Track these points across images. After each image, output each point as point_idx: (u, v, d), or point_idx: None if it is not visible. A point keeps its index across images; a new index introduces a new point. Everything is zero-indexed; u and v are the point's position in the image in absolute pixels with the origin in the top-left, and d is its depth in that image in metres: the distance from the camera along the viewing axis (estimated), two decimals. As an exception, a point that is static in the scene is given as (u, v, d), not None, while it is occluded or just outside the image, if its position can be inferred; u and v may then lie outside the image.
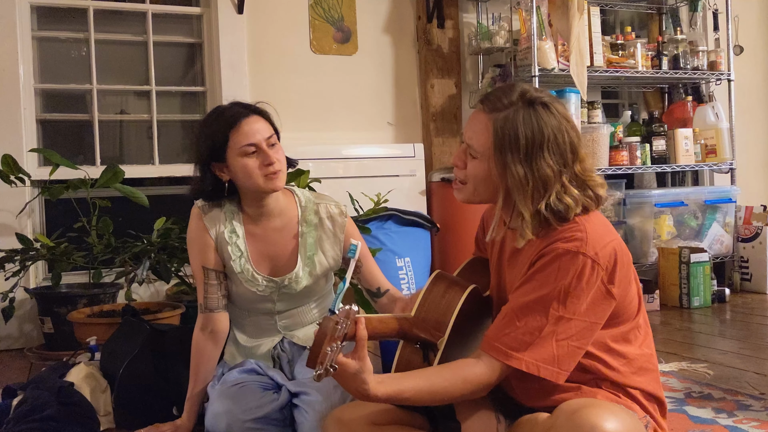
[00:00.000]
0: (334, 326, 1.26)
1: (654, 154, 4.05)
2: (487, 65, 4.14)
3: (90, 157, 3.62)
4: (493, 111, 1.41)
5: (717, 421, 2.04)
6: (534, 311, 1.36)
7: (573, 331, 1.35)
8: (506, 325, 1.38)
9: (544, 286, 1.36)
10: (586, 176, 1.42)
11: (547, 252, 1.38)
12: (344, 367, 1.29)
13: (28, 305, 3.33)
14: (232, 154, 1.87)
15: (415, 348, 1.44)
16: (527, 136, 1.37)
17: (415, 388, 1.34)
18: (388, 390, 1.32)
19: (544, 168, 1.37)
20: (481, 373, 1.36)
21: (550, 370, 1.34)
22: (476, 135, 1.43)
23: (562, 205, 1.38)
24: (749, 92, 4.80)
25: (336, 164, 3.72)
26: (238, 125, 1.87)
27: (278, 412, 1.82)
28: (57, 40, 3.66)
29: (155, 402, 2.13)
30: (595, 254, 1.36)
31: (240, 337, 2.07)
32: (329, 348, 1.26)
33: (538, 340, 1.34)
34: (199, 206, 1.99)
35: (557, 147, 1.39)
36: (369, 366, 1.31)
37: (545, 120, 1.39)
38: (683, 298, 3.80)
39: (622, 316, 1.44)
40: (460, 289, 1.49)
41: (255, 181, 1.87)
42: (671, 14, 4.55)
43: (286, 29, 3.84)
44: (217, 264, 1.97)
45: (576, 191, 1.39)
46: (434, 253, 3.71)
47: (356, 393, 1.32)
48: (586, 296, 1.35)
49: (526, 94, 1.41)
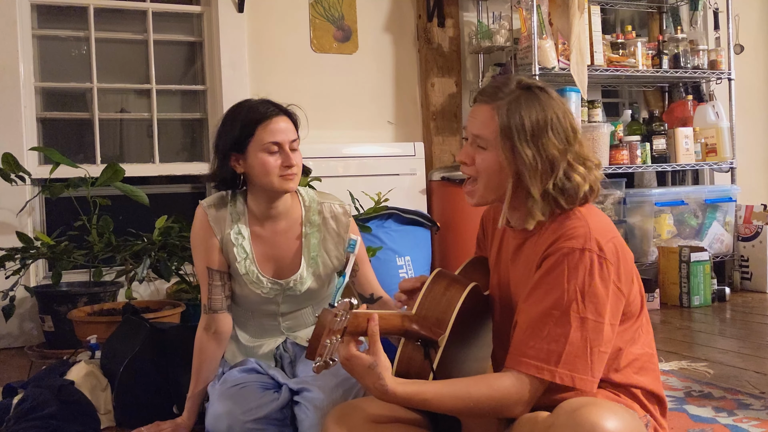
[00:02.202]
0: (332, 318, 1.26)
1: (654, 153, 4.04)
2: (488, 64, 4.14)
3: (90, 156, 3.62)
4: (495, 100, 1.44)
5: (717, 420, 2.04)
6: (555, 317, 1.33)
7: (602, 336, 1.34)
8: (529, 337, 1.35)
9: (556, 288, 1.34)
10: (585, 156, 1.45)
11: (552, 252, 1.37)
12: (359, 360, 1.30)
13: (29, 304, 3.33)
14: (254, 148, 1.88)
15: (416, 345, 1.44)
16: (532, 118, 1.40)
17: (435, 390, 1.33)
18: (407, 389, 1.32)
19: (550, 148, 1.40)
20: (511, 385, 1.33)
21: (585, 380, 1.33)
22: (482, 125, 1.45)
23: (570, 183, 1.40)
24: (750, 91, 4.80)
25: (336, 163, 3.72)
26: (267, 121, 1.89)
27: (279, 412, 1.82)
28: (57, 38, 3.66)
29: (155, 400, 2.13)
30: (600, 249, 1.35)
31: (242, 337, 2.06)
32: (328, 340, 1.26)
33: (568, 347, 1.32)
34: (204, 206, 1.98)
35: (560, 127, 1.42)
36: (385, 362, 1.32)
37: (546, 102, 1.42)
38: (683, 297, 3.80)
39: (626, 314, 1.43)
40: (461, 286, 1.49)
41: (271, 179, 1.88)
42: (672, 13, 4.55)
43: (286, 28, 3.84)
44: (222, 265, 1.97)
45: (582, 168, 1.42)
46: (434, 252, 3.71)
47: (373, 390, 1.32)
48: (606, 296, 1.34)
49: (522, 81, 1.46)
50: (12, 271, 2.96)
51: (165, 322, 2.65)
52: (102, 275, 3.05)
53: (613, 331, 1.37)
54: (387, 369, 1.32)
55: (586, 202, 1.45)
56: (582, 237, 1.36)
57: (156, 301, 3.08)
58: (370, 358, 1.31)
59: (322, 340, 1.26)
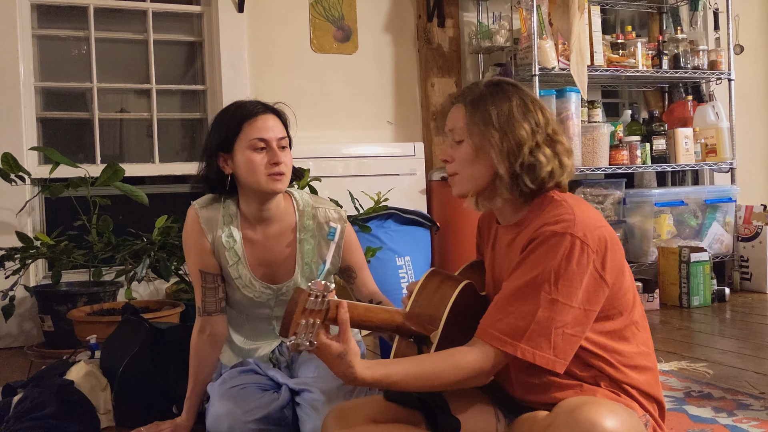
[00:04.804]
0: (306, 297, 1.26)
1: (654, 154, 4.05)
2: (488, 64, 4.14)
3: (90, 156, 3.62)
4: (465, 97, 1.53)
5: (717, 420, 2.04)
6: (526, 295, 1.36)
7: (569, 318, 1.35)
8: (499, 311, 1.38)
9: (533, 268, 1.37)
10: (557, 140, 1.49)
11: (536, 236, 1.40)
12: (328, 348, 1.31)
13: (28, 303, 3.33)
14: (240, 146, 1.85)
15: (409, 342, 1.45)
16: (497, 104, 1.48)
17: (402, 372, 1.35)
18: (375, 374, 1.33)
19: (517, 130, 1.45)
20: (475, 359, 1.36)
21: (546, 357, 1.34)
22: (454, 120, 1.53)
23: (536, 162, 1.44)
24: (749, 92, 4.80)
25: (336, 163, 3.72)
26: (253, 119, 1.86)
27: (279, 412, 1.81)
28: (57, 38, 3.66)
29: (155, 400, 2.13)
30: (584, 235, 1.37)
31: (238, 340, 2.05)
32: (303, 320, 1.26)
33: (533, 325, 1.34)
34: (196, 208, 1.95)
35: (527, 110, 1.48)
36: (354, 349, 1.33)
37: (512, 91, 1.50)
38: (683, 298, 3.80)
39: (617, 308, 1.44)
40: (454, 283, 1.50)
41: (257, 179, 1.85)
42: (672, 13, 4.55)
43: (286, 28, 3.84)
44: (214, 267, 1.94)
45: (548, 150, 1.47)
46: (434, 252, 3.71)
47: (343, 376, 1.33)
48: (580, 281, 1.35)
49: (492, 80, 1.55)
50: (12, 270, 2.97)
51: (164, 322, 2.64)
52: (102, 275, 3.05)
53: (588, 317, 1.38)
54: (356, 355, 1.33)
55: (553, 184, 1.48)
56: (566, 222, 1.38)
57: (155, 301, 3.08)
58: (339, 346, 1.32)
59: (296, 318, 1.26)
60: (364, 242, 3.12)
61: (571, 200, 1.45)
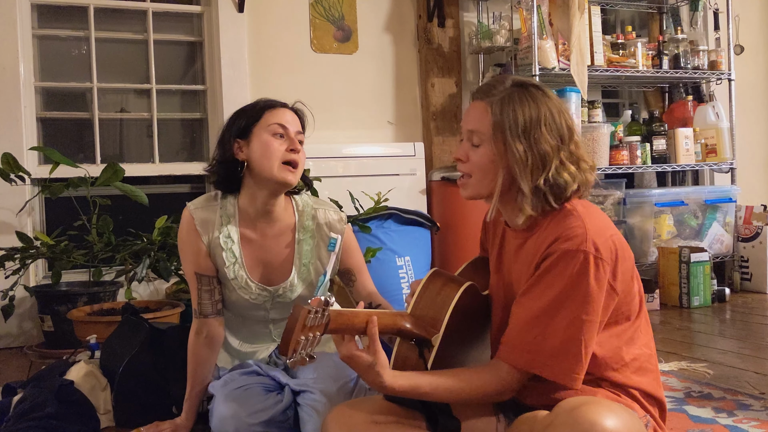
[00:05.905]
0: (306, 314, 1.26)
1: (654, 154, 4.04)
2: (488, 64, 4.14)
3: (90, 156, 3.62)
4: (489, 96, 1.47)
5: (717, 420, 2.04)
6: (549, 316, 1.37)
7: (590, 333, 1.37)
8: (523, 331, 1.39)
9: (552, 287, 1.37)
10: (580, 156, 1.46)
11: (550, 253, 1.39)
12: (359, 359, 1.36)
13: (28, 303, 3.33)
14: (258, 130, 1.86)
15: (411, 345, 1.44)
16: (525, 114, 1.42)
17: (432, 385, 1.39)
18: (404, 384, 1.38)
19: (542, 144, 1.41)
20: (502, 379, 1.40)
21: (572, 376, 1.37)
22: (477, 120, 1.47)
23: (560, 180, 1.41)
24: (750, 92, 4.80)
25: (336, 163, 3.72)
26: (275, 108, 1.90)
27: (282, 414, 1.81)
28: (57, 38, 3.66)
29: (155, 400, 2.12)
30: (597, 249, 1.36)
31: (234, 342, 2.04)
32: (303, 336, 1.27)
33: (557, 345, 1.36)
34: (191, 209, 1.93)
35: (554, 124, 1.44)
36: (382, 360, 1.37)
37: (541, 99, 1.45)
38: (683, 298, 3.80)
39: (624, 313, 1.44)
40: (456, 285, 1.49)
41: (271, 164, 1.83)
42: (672, 13, 4.55)
43: (286, 28, 3.84)
44: (210, 270, 1.93)
45: (573, 168, 1.44)
46: (434, 252, 3.71)
47: (373, 384, 1.39)
48: (599, 295, 1.36)
49: (518, 79, 1.49)
50: (12, 270, 2.96)
51: (164, 322, 2.64)
52: (101, 275, 3.05)
53: (599, 327, 1.40)
54: (385, 366, 1.38)
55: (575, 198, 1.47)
56: (579, 237, 1.37)
57: (155, 301, 3.07)
58: (369, 358, 1.36)
59: (295, 335, 1.26)
60: (364, 242, 3.12)
61: (581, 208, 1.44)
